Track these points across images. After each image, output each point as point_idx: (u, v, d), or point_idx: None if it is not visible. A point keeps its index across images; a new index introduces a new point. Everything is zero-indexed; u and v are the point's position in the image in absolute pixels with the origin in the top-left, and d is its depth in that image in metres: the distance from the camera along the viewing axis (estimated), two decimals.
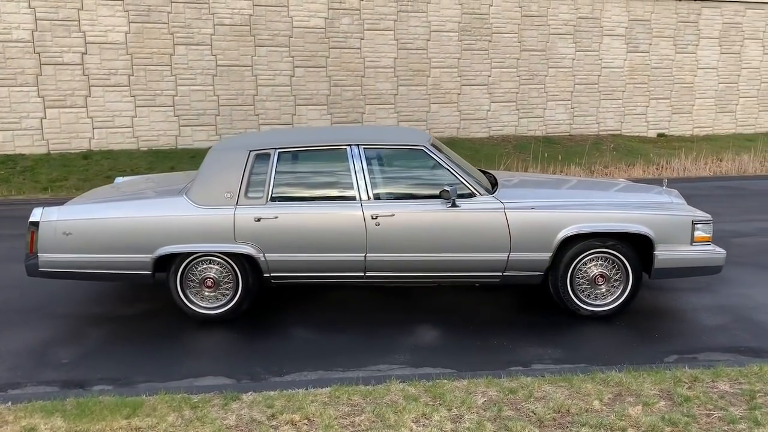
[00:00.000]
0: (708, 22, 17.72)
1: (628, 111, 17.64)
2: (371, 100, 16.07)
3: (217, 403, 3.72)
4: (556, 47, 16.88)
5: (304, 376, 4.22)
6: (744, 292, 5.58)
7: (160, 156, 14.69)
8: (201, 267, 5.00)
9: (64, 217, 4.93)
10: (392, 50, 15.98)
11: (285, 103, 15.62)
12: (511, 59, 16.66)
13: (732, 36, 17.99)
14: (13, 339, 4.84)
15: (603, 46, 17.17)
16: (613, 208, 4.92)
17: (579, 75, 17.14)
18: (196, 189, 4.93)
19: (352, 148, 4.99)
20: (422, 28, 16.05)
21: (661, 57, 17.59)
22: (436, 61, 16.24)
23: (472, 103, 16.57)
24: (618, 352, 4.48)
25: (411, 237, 4.84)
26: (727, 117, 18.38)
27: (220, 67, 15.13)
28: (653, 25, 17.38)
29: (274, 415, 3.53)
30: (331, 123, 15.89)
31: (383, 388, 3.84)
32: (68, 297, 5.69)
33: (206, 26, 14.91)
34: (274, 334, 4.91)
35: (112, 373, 4.29)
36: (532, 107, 16.95)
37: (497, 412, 3.53)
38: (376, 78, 16.02)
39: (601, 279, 4.94)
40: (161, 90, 14.87)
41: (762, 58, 18.34)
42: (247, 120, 15.46)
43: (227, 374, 4.27)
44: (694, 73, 17.92)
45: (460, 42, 16.30)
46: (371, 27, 15.77)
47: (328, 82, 15.77)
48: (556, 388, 3.80)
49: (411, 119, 16.29)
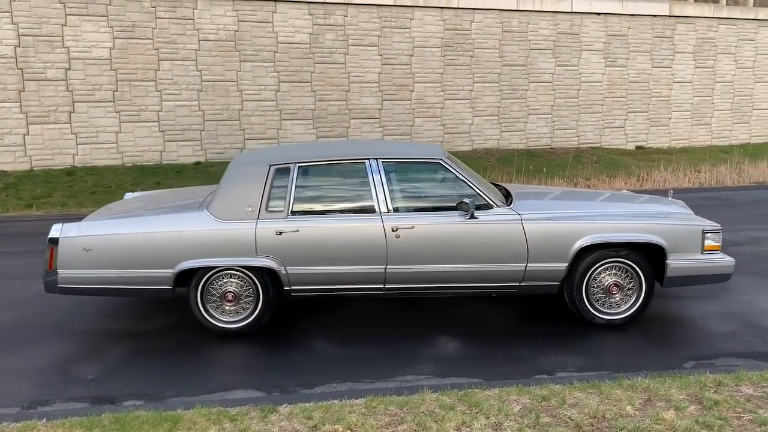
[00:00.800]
0: (683, 37, 18.19)
1: (607, 124, 17.98)
2: (356, 115, 16.17)
3: (255, 415, 3.74)
4: (537, 62, 17.17)
5: (333, 388, 4.25)
6: (747, 299, 5.74)
7: (145, 172, 14.60)
8: (221, 281, 5.02)
9: (85, 233, 4.91)
10: (376, 65, 16.12)
11: (270, 118, 15.65)
12: (493, 74, 16.90)
13: (706, 51, 18.48)
14: (34, 356, 4.80)
15: (582, 61, 17.51)
16: (626, 218, 5.05)
17: (559, 89, 17.44)
18: (217, 203, 4.96)
19: (371, 161, 5.06)
20: (406, 43, 16.22)
21: (639, 71, 17.99)
22: (419, 76, 16.42)
23: (455, 117, 16.76)
24: (637, 359, 4.59)
25: (431, 249, 4.91)
26: (703, 129, 18.83)
27: (205, 82, 15.13)
28: (630, 40, 17.78)
29: (317, 426, 3.56)
30: (317, 138, 15.96)
31: (417, 398, 3.90)
32: (83, 313, 5.65)
33: (191, 42, 14.91)
34: (295, 347, 4.93)
35: (141, 389, 4.28)
36: (513, 121, 17.19)
37: (535, 419, 3.60)
38: (361, 93, 16.14)
39: (616, 288, 5.06)
40: (146, 105, 14.81)
41: (734, 72, 18.86)
42: (233, 135, 15.46)
43: (257, 387, 4.29)
44: (670, 86, 18.35)
45: (443, 57, 16.50)
46: (355, 42, 15.90)
47: (313, 97, 15.85)
48: (586, 395, 3.89)
49: (396, 133, 16.43)
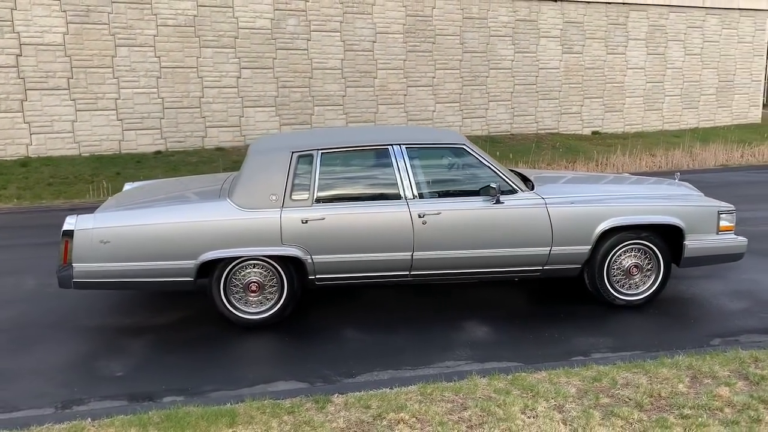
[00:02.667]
0: (635, 24, 18.64)
1: (565, 110, 18.31)
2: (320, 102, 16.00)
3: (311, 407, 3.66)
4: (496, 49, 17.32)
5: (376, 377, 4.21)
6: (750, 277, 5.95)
7: (104, 162, 14.11)
8: (244, 272, 4.89)
9: (102, 224, 4.70)
10: (339, 51, 15.96)
11: (232, 105, 15.33)
12: (454, 61, 16.97)
13: (657, 38, 18.99)
14: (50, 354, 4.58)
15: (540, 48, 17.75)
16: (647, 200, 5.15)
17: (518, 76, 17.65)
18: (239, 192, 4.81)
19: (394, 147, 5.00)
20: (368, 29, 16.11)
21: (594, 58, 18.37)
22: (382, 63, 16.35)
23: (418, 104, 16.76)
24: (664, 338, 4.70)
25: (457, 234, 4.90)
26: (655, 114, 19.39)
27: (165, 68, 14.69)
28: (586, 27, 18.12)
29: (380, 415, 3.51)
30: (280, 125, 15.73)
31: (469, 384, 3.89)
32: (88, 309, 5.42)
33: (149, 27, 14.45)
34: (323, 336, 4.86)
35: (177, 384, 4.14)
36: (474, 108, 17.32)
37: (595, 400, 3.64)
38: (324, 79, 15.96)
39: (636, 269, 5.15)
40: (103, 93, 14.30)
41: (684, 58, 19.45)
42: (193, 123, 15.09)
43: (298, 378, 4.20)
44: (624, 73, 18.81)
45: (405, 44, 16.47)
46: (318, 28, 15.71)
47: (275, 84, 15.60)
48: (634, 375, 3.96)
49: (359, 120, 16.33)
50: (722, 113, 20.28)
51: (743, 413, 3.47)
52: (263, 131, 15.59)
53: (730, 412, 3.50)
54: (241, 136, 15.49)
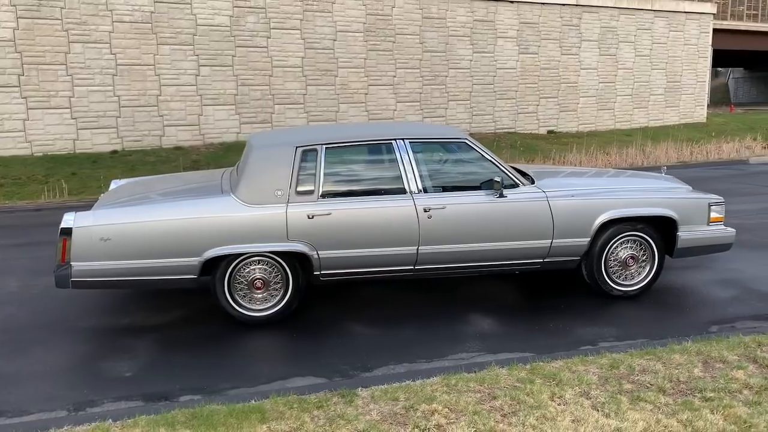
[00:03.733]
0: (588, 25, 19.07)
1: (521, 109, 18.60)
2: (280, 100, 15.85)
3: (338, 401, 3.60)
4: (455, 49, 17.47)
5: (392, 370, 4.17)
6: (734, 267, 6.14)
7: (58, 162, 13.64)
8: (248, 268, 4.79)
9: (101, 221, 4.53)
10: (299, 49, 15.85)
11: (191, 104, 15.05)
12: (414, 60, 17.05)
13: (609, 39, 19.48)
14: (50, 356, 4.39)
15: (497, 48, 17.99)
16: (641, 193, 5.26)
17: (476, 76, 17.85)
18: (243, 187, 4.71)
19: (398, 141, 4.98)
20: (328, 27, 16.04)
21: (549, 58, 18.71)
22: (343, 61, 16.29)
23: (379, 102, 16.78)
24: (664, 326, 4.80)
25: (462, 228, 4.90)
26: (607, 114, 19.88)
27: (121, 66, 14.32)
28: (541, 28, 18.45)
29: (412, 406, 3.48)
30: (240, 124, 15.52)
31: (491, 374, 3.89)
32: (82, 309, 5.22)
33: (104, 23, 14.06)
34: (331, 331, 4.79)
35: (191, 383, 4.02)
36: (435, 107, 17.43)
37: (618, 386, 3.69)
38: (285, 77, 15.82)
39: (632, 260, 5.26)
40: (56, 91, 13.85)
41: (634, 59, 20.01)
42: (151, 121, 14.74)
43: (315, 374, 4.13)
44: (578, 73, 19.22)
45: (366, 42, 16.46)
46: (277, 26, 15.56)
47: (235, 82, 15.38)
48: (647, 362, 4.03)
49: (320, 119, 16.24)
50: (670, 113, 20.94)
51: (762, 394, 3.57)
52: (223, 130, 15.37)
53: (749, 393, 3.60)
54: (200, 135, 15.22)
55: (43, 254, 6.65)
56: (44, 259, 6.67)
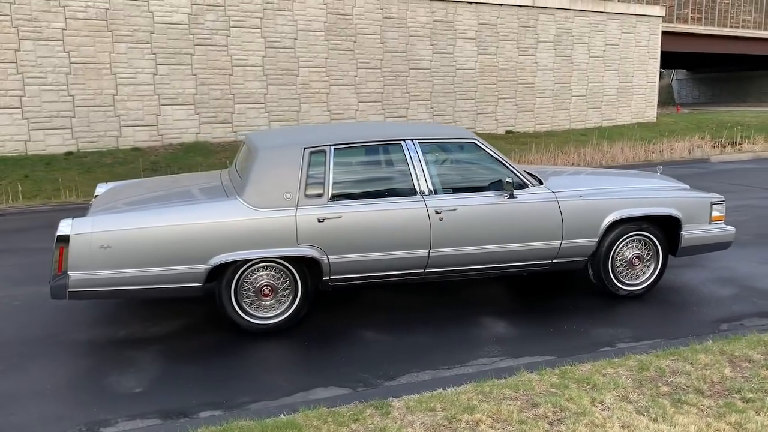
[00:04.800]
0: (544, 27, 19.32)
1: (480, 110, 18.71)
2: (240, 100, 15.53)
3: (373, 413, 3.47)
4: (416, 49, 17.45)
5: (416, 378, 4.06)
6: (726, 265, 6.24)
7: (8, 164, 13.04)
8: (256, 275, 4.60)
9: (101, 228, 4.28)
10: (260, 48, 15.56)
11: (148, 103, 14.60)
12: (375, 60, 16.95)
13: (564, 40, 19.77)
14: (49, 373, 4.12)
15: (457, 49, 18.04)
16: (647, 192, 5.28)
17: (437, 76, 17.86)
18: (251, 190, 4.52)
19: (407, 142, 4.87)
20: (289, 26, 15.80)
21: (507, 59, 18.87)
22: (304, 61, 16.07)
23: (341, 102, 16.61)
24: (676, 325, 4.82)
25: (473, 230, 4.82)
26: (563, 114, 20.18)
27: (75, 64, 13.79)
28: (499, 29, 18.59)
29: (454, 417, 3.37)
30: (199, 124, 15.14)
31: (521, 380, 3.81)
32: (71, 320, 4.94)
33: (56, 20, 13.51)
34: (343, 339, 4.65)
35: (207, 397, 3.82)
36: (396, 107, 17.37)
37: (655, 389, 3.67)
38: (245, 77, 15.51)
39: (637, 260, 5.27)
40: (5, 90, 13.24)
41: (588, 60, 20.36)
42: (107, 121, 14.25)
43: (337, 384, 3.98)
44: (535, 74, 19.45)
45: (327, 42, 16.28)
46: (237, 24, 15.24)
47: (194, 81, 15.00)
48: (675, 363, 4.02)
49: (282, 119, 15.98)
50: (623, 113, 21.41)
51: None
52: (182, 130, 14.97)
53: None
54: (159, 135, 14.78)
55: (17, 262, 6.31)
56: (19, 268, 6.33)
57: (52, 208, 10.25)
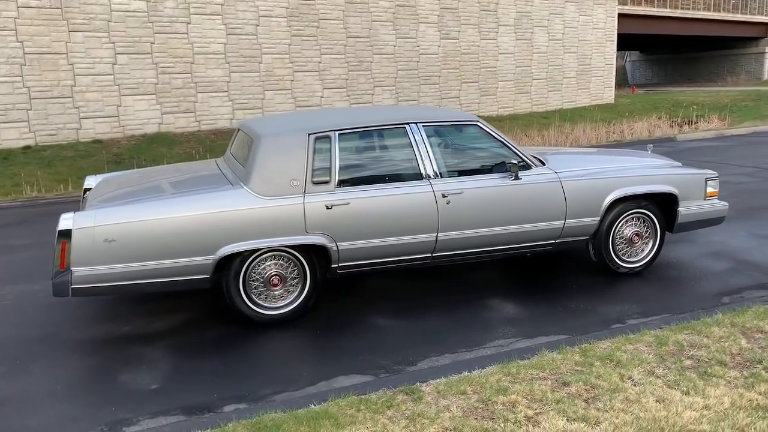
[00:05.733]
0: (505, 10, 19.39)
1: (444, 94, 18.70)
2: (203, 88, 15.19)
3: (405, 399, 3.41)
4: (379, 34, 17.32)
5: (436, 362, 4.01)
6: (717, 240, 6.34)
7: None
8: (263, 264, 4.49)
9: (105, 221, 4.10)
10: (221, 35, 15.24)
11: (108, 94, 14.17)
12: (339, 46, 16.77)
13: (524, 24, 19.88)
14: (57, 373, 3.94)
15: (420, 33, 17.98)
16: (645, 170, 5.32)
17: (401, 61, 17.78)
18: (256, 178, 4.38)
19: (411, 126, 4.79)
20: (251, 12, 15.50)
21: (469, 43, 18.90)
22: (267, 47, 15.81)
23: (305, 89, 16.41)
24: (679, 300, 4.87)
25: (480, 213, 4.79)
26: (525, 97, 20.33)
27: (29, 55, 13.28)
28: (461, 13, 18.58)
29: (489, 399, 3.34)
30: (161, 114, 14.76)
31: (546, 360, 3.80)
32: (67, 318, 4.74)
33: (7, 8, 12.98)
34: (355, 326, 4.57)
35: (228, 390, 3.71)
36: (361, 93, 17.23)
37: (679, 362, 3.69)
38: (207, 65, 15.18)
39: (637, 237, 5.32)
40: None
41: (548, 44, 20.53)
42: (66, 114, 13.78)
43: (358, 372, 3.90)
44: (496, 58, 19.52)
45: (290, 28, 16.03)
46: (197, 11, 14.89)
47: (155, 70, 14.61)
48: (690, 336, 4.06)
49: (246, 107, 15.70)
50: (582, 95, 21.68)
51: None
52: (144, 121, 14.59)
53: None
54: (120, 126, 14.37)
55: None
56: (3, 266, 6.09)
57: (23, 204, 9.88)
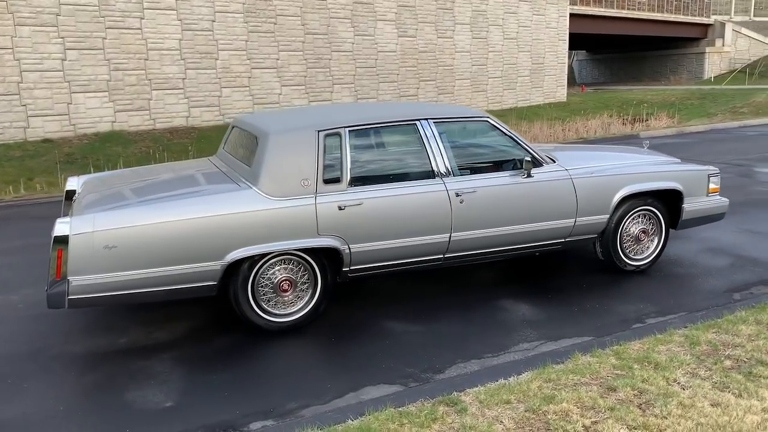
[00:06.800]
0: (461, 9, 19.37)
1: (403, 92, 18.56)
2: (158, 85, 14.65)
3: (449, 411, 3.21)
4: (337, 31, 17.05)
5: (464, 369, 3.84)
6: (708, 236, 6.35)
7: None
8: (273, 270, 4.23)
9: (105, 226, 3.76)
10: (176, 31, 14.72)
11: (58, 91, 13.50)
12: (297, 42, 16.43)
13: (480, 22, 19.91)
14: (57, 392, 3.60)
15: (378, 31, 17.78)
16: (650, 167, 5.26)
17: (359, 58, 17.55)
18: (266, 178, 4.12)
19: (422, 122, 4.61)
20: (206, 8, 15.03)
21: (426, 41, 18.80)
22: (223, 43, 15.35)
23: (263, 87, 16.01)
24: (692, 298, 4.83)
25: (493, 211, 4.64)
26: (481, 95, 20.36)
27: None
28: (418, 11, 18.47)
29: (538, 408, 3.17)
30: (115, 112, 14.16)
31: (583, 364, 3.66)
32: (55, 331, 4.38)
33: None
34: (369, 332, 4.35)
35: (251, 406, 3.45)
36: (320, 90, 16.93)
37: (719, 364, 3.61)
38: (162, 61, 14.64)
39: (643, 234, 5.26)
40: None
41: (503, 42, 20.62)
42: (12, 111, 13.07)
43: (385, 381, 3.69)
44: (453, 56, 19.49)
45: (246, 24, 15.61)
46: (151, 6, 14.33)
47: (107, 66, 13.99)
48: (719, 335, 3.99)
49: (203, 104, 15.22)
50: (536, 93, 21.87)
51: None
52: (96, 119, 13.98)
53: None
54: (71, 125, 13.72)
55: None
56: None
57: None
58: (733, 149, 12.94)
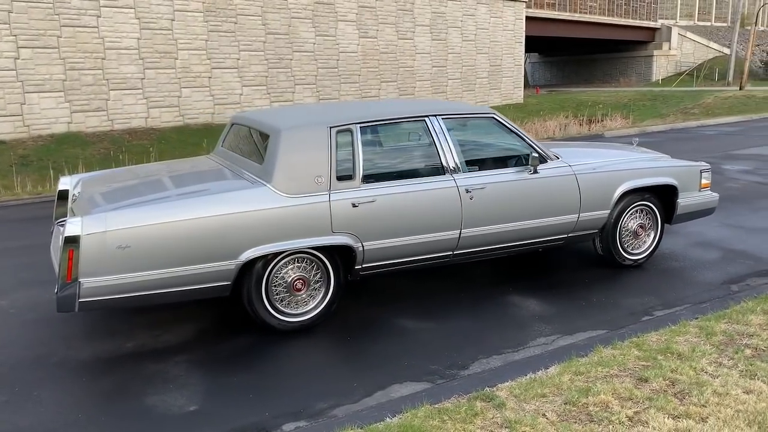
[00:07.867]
0: (421, 11, 19.42)
1: (365, 93, 18.50)
2: (116, 85, 14.24)
3: (487, 406, 3.16)
4: (298, 31, 16.89)
5: (488, 365, 3.78)
6: (693, 230, 6.45)
7: None
8: (286, 268, 4.10)
9: (117, 225, 3.58)
10: (134, 30, 14.34)
11: (10, 91, 13.00)
12: (258, 42, 16.21)
13: (439, 24, 20.00)
14: (70, 400, 3.39)
15: (339, 31, 17.68)
16: (647, 163, 5.32)
17: (320, 59, 17.41)
18: (279, 175, 3.98)
19: (431, 118, 4.55)
20: (165, 6, 14.69)
21: (387, 42, 18.79)
22: (183, 43, 15.03)
23: (224, 87, 15.73)
24: (692, 290, 4.87)
25: (502, 208, 4.61)
26: (441, 97, 20.44)
27: None
28: (378, 12, 18.44)
29: (577, 401, 3.13)
30: (71, 112, 13.70)
31: (608, 357, 3.65)
32: (58, 336, 4.14)
33: None
34: (384, 330, 4.25)
35: (279, 407, 3.32)
36: (282, 91, 16.74)
37: (740, 352, 3.64)
38: (120, 60, 14.24)
39: (641, 229, 5.31)
40: None
41: (462, 44, 20.76)
42: None
43: (411, 379, 3.61)
44: (414, 57, 19.53)
45: (206, 23, 15.32)
46: (108, 4, 13.94)
47: (63, 66, 13.54)
48: (731, 326, 4.04)
49: (162, 105, 14.86)
50: (494, 94, 22.09)
51: None
52: (51, 120, 13.50)
53: None
54: (25, 126, 13.22)
55: None
56: None
57: None
58: (697, 148, 13.28)
